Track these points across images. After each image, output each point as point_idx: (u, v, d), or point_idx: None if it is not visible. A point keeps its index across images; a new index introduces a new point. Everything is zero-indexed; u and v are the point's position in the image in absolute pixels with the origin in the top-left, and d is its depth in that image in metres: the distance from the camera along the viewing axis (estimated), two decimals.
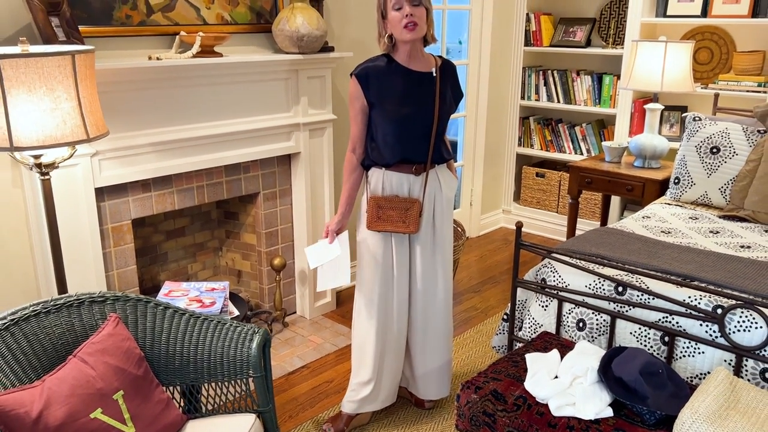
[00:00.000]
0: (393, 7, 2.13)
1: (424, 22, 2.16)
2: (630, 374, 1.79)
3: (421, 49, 2.25)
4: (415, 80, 2.23)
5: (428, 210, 2.34)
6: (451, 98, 2.33)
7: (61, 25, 2.24)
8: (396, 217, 2.28)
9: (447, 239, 2.41)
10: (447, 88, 2.29)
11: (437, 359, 2.50)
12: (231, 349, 1.87)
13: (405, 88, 2.22)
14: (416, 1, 2.12)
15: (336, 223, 2.38)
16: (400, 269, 2.36)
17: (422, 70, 2.24)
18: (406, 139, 2.24)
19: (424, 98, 2.24)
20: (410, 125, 2.23)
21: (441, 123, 2.27)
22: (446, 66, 2.32)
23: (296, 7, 2.85)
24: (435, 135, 2.26)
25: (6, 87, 1.74)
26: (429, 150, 2.26)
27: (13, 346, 1.67)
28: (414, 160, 2.28)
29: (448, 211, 2.40)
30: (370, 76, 2.22)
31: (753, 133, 2.97)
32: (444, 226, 2.39)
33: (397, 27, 2.15)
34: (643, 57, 3.48)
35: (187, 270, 3.24)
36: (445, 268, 2.43)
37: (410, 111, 2.22)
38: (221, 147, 2.82)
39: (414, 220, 2.27)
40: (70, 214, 2.37)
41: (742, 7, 3.58)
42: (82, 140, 1.89)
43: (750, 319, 1.93)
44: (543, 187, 4.66)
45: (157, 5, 2.60)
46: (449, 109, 2.32)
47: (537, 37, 4.48)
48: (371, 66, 2.24)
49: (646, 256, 2.34)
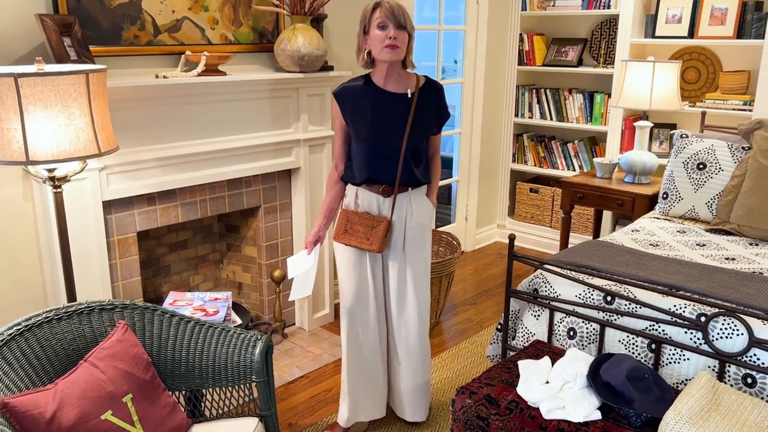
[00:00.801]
0: (377, 25, 2.14)
1: (404, 45, 2.18)
2: (617, 379, 1.87)
3: (399, 70, 2.25)
4: (388, 101, 2.23)
5: (398, 232, 2.34)
6: (431, 120, 2.30)
7: (73, 44, 2.35)
8: (362, 233, 2.29)
9: (420, 265, 2.39)
10: (425, 110, 2.27)
11: (409, 381, 2.52)
12: (234, 355, 1.95)
13: (376, 109, 2.23)
14: (401, 25, 2.14)
15: (313, 235, 2.41)
16: (376, 285, 2.39)
17: (397, 91, 2.24)
18: (374, 160, 2.25)
19: (396, 120, 2.23)
20: (379, 146, 2.24)
21: (412, 145, 2.25)
22: (429, 87, 2.29)
23: (297, 27, 2.96)
24: (403, 158, 2.24)
25: (24, 104, 1.83)
26: (397, 172, 2.26)
27: (27, 351, 1.74)
28: (381, 181, 2.28)
29: (421, 237, 2.38)
30: (346, 95, 2.26)
31: (738, 149, 3.08)
32: (416, 252, 2.37)
33: (377, 46, 2.16)
34: (633, 76, 3.59)
35: (189, 282, 3.32)
36: (419, 293, 2.41)
37: (380, 132, 2.23)
38: (224, 162, 2.91)
39: (377, 239, 2.26)
40: (78, 226, 2.45)
41: (727, 29, 3.71)
42: (94, 155, 1.98)
43: (732, 327, 2.01)
44: (537, 203, 4.76)
45: (163, 26, 2.71)
46: (425, 132, 2.29)
47: (530, 57, 4.61)
48: (349, 86, 2.28)
49: (634, 267, 2.43)
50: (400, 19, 2.14)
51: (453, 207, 4.78)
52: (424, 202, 2.38)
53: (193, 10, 2.79)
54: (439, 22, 4.18)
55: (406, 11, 2.18)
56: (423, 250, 2.40)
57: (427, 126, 2.29)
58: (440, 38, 4.20)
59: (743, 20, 3.66)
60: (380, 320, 2.46)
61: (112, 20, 2.54)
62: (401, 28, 2.14)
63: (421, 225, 2.37)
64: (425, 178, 2.36)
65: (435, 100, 2.30)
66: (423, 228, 2.38)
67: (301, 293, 2.43)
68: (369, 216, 2.29)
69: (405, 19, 2.15)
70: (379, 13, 2.14)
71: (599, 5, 4.24)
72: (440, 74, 4.32)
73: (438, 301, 3.41)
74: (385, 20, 2.13)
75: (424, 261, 2.42)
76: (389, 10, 2.13)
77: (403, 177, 2.27)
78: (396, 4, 2.16)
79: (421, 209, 2.37)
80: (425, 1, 4.49)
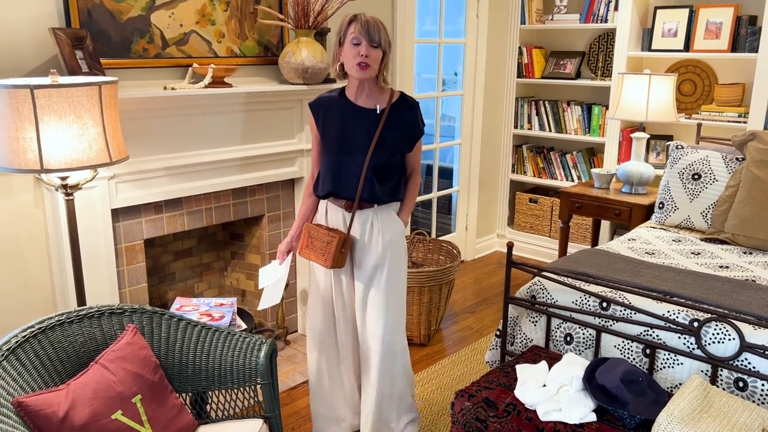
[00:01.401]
0: (352, 40, 2.09)
1: (377, 64, 2.12)
2: (612, 382, 1.93)
3: (371, 85, 2.20)
4: (356, 115, 2.19)
5: (362, 250, 2.26)
6: (401, 138, 2.22)
7: (85, 57, 2.42)
8: (319, 248, 2.23)
9: (388, 285, 2.28)
10: (395, 126, 2.20)
11: (369, 404, 2.39)
12: (240, 358, 2.01)
13: (344, 123, 2.19)
14: (375, 43, 2.08)
15: (285, 245, 2.39)
16: (342, 302, 2.35)
17: (368, 107, 2.20)
18: (337, 174, 2.21)
19: (362, 135, 2.18)
20: (342, 160, 2.20)
21: (375, 161, 2.18)
22: (402, 103, 2.22)
23: (301, 41, 3.04)
24: (365, 174, 2.17)
25: (39, 114, 1.90)
26: (358, 189, 2.19)
27: (40, 352, 1.80)
28: (344, 196, 2.23)
29: (388, 256, 2.27)
30: (320, 107, 2.24)
31: (732, 160, 3.15)
32: (383, 272, 2.26)
33: (349, 61, 2.11)
34: (629, 89, 3.67)
35: (194, 289, 3.38)
36: (386, 315, 2.29)
37: (345, 146, 2.19)
38: (229, 171, 2.98)
39: (330, 255, 2.19)
40: (88, 233, 2.51)
41: (721, 43, 3.79)
42: (106, 163, 2.05)
43: (723, 332, 2.07)
44: (536, 213, 4.83)
45: (171, 39, 2.79)
46: (393, 149, 2.21)
47: (529, 69, 4.69)
48: (324, 97, 2.26)
49: (629, 275, 2.49)
50: (375, 37, 2.08)
51: (453, 216, 4.84)
52: (392, 220, 2.28)
53: (201, 24, 2.87)
54: (440, 36, 4.27)
55: (382, 27, 2.12)
56: (392, 271, 2.28)
57: (393, 143, 2.21)
58: (441, 51, 4.29)
59: (737, 34, 3.74)
60: (347, 343, 2.39)
61: (123, 34, 2.62)
62: (376, 45, 2.09)
63: (390, 243, 2.26)
64: (390, 197, 2.25)
65: (407, 117, 2.23)
66: (392, 246, 2.27)
67: (270, 302, 2.41)
68: (326, 231, 2.22)
69: (380, 36, 2.10)
70: (354, 29, 2.09)
71: (597, 19, 4.33)
72: (440, 86, 4.40)
73: (438, 309, 3.47)
74: (359, 36, 2.08)
75: (393, 282, 2.29)
76: (365, 27, 2.08)
77: (364, 193, 2.19)
78: (373, 19, 2.11)
79: (389, 227, 2.26)
80: (426, 15, 4.58)
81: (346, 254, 2.24)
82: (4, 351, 1.71)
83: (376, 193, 2.21)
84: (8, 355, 1.71)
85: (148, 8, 2.68)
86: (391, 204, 2.29)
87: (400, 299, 2.34)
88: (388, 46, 2.14)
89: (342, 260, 2.23)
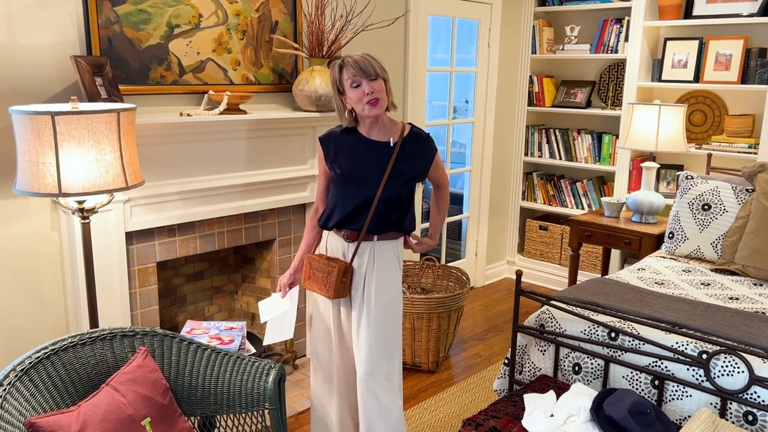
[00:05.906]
0: (351, 85, 2.08)
1: (384, 94, 2.11)
2: (620, 413, 1.92)
3: (384, 118, 2.20)
4: (368, 149, 2.18)
5: (359, 281, 2.24)
6: (414, 169, 2.22)
7: (104, 84, 2.49)
8: (320, 279, 2.22)
9: (382, 317, 2.24)
10: (408, 159, 2.20)
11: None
12: (249, 383, 2.02)
13: (356, 156, 2.18)
14: (373, 76, 2.07)
15: (288, 277, 2.39)
16: (340, 333, 2.33)
17: (380, 140, 2.19)
18: (347, 206, 2.20)
19: (374, 168, 2.17)
20: (353, 193, 2.19)
21: (387, 194, 2.17)
22: (414, 137, 2.22)
23: (315, 69, 3.10)
24: (376, 206, 2.17)
25: (59, 140, 1.95)
26: (366, 219, 2.19)
27: (52, 374, 1.83)
28: (350, 227, 2.22)
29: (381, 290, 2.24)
30: (330, 141, 2.24)
31: (742, 191, 3.15)
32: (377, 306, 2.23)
33: (358, 104, 2.10)
34: (639, 118, 3.69)
35: (204, 312, 3.40)
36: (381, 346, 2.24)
37: (355, 179, 2.19)
38: (242, 196, 3.02)
39: (332, 286, 2.18)
40: (102, 255, 2.55)
41: (731, 74, 3.81)
42: (122, 188, 2.10)
43: (732, 365, 2.06)
44: (546, 240, 4.83)
45: (188, 66, 2.85)
46: (406, 181, 2.21)
47: (540, 98, 4.74)
48: (334, 131, 2.25)
49: (638, 305, 2.48)
50: (370, 71, 2.08)
51: (463, 243, 4.85)
52: (388, 257, 2.26)
53: (217, 52, 2.94)
54: (451, 64, 4.33)
55: (371, 58, 2.12)
56: (391, 303, 2.26)
57: (410, 175, 2.22)
58: (452, 79, 4.35)
59: (747, 66, 3.77)
60: (342, 378, 2.36)
61: (141, 61, 2.69)
62: (374, 78, 2.08)
63: (383, 276, 2.23)
64: (394, 228, 2.25)
65: (418, 149, 2.23)
66: (384, 279, 2.24)
67: (279, 337, 2.39)
68: (326, 261, 2.21)
69: (374, 68, 2.09)
70: (348, 73, 2.09)
71: (607, 50, 4.37)
72: (452, 114, 4.45)
73: (447, 336, 3.47)
74: (355, 78, 2.07)
75: (389, 313, 2.26)
76: (356, 67, 2.08)
77: (371, 225, 2.19)
78: (360, 56, 2.11)
79: (384, 261, 2.25)
80: (438, 44, 4.65)
81: (348, 284, 2.23)
82: (18, 372, 1.74)
83: (382, 226, 2.22)
84: (22, 376, 1.74)
85: (167, 36, 2.75)
86: (389, 239, 2.27)
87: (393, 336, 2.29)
88: (385, 73, 2.13)
89: (344, 290, 2.23)
